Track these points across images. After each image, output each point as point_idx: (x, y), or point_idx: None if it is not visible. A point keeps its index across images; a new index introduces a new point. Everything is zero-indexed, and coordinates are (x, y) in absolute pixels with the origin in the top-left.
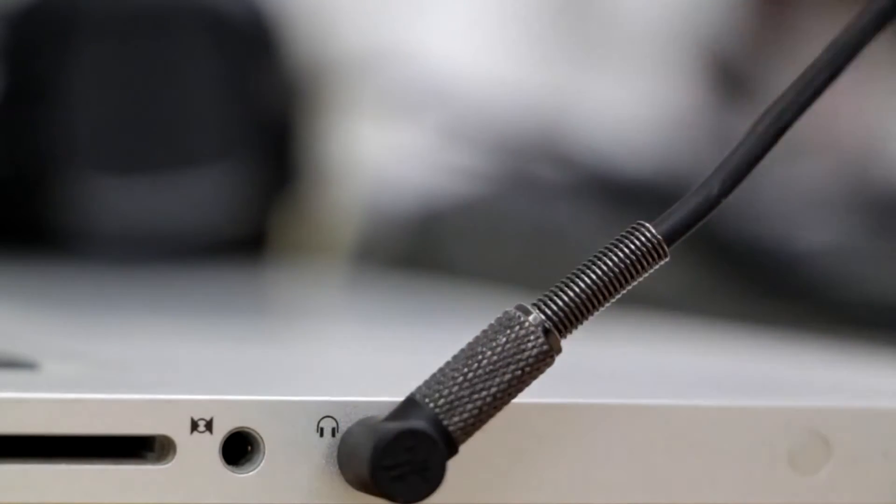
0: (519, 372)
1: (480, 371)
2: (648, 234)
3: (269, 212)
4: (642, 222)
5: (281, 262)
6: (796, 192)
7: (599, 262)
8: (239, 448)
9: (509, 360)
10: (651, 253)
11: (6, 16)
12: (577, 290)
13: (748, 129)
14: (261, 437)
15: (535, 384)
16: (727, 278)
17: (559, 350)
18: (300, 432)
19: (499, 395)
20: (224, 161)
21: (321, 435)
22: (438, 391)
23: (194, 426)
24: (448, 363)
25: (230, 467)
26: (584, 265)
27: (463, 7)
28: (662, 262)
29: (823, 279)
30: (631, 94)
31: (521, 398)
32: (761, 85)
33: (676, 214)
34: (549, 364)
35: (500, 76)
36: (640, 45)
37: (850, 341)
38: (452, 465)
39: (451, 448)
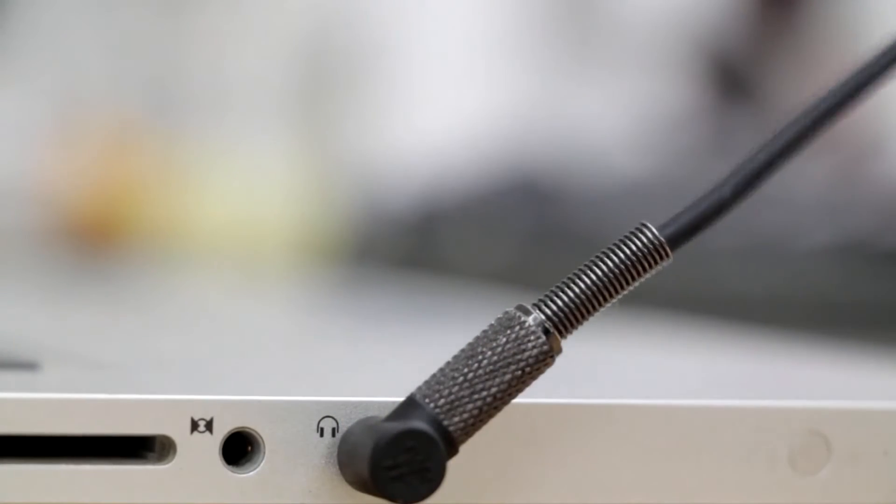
0: (519, 372)
1: (480, 371)
2: (651, 235)
3: None
4: (645, 223)
5: (279, 261)
6: (797, 192)
7: (600, 263)
8: (239, 448)
9: (509, 360)
10: (653, 254)
11: None
12: (577, 290)
13: (768, 136)
14: (261, 437)
15: (535, 384)
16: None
17: (559, 350)
18: (300, 432)
19: (499, 396)
20: None
21: (321, 435)
22: (439, 391)
23: (194, 426)
24: (448, 363)
25: (230, 467)
26: (585, 265)
27: (462, 4)
28: (665, 264)
29: (823, 280)
30: (630, 93)
31: (521, 398)
32: (761, 85)
33: (685, 217)
34: (549, 364)
35: (498, 74)
36: (640, 43)
37: (849, 341)
38: (452, 465)
39: (451, 448)
